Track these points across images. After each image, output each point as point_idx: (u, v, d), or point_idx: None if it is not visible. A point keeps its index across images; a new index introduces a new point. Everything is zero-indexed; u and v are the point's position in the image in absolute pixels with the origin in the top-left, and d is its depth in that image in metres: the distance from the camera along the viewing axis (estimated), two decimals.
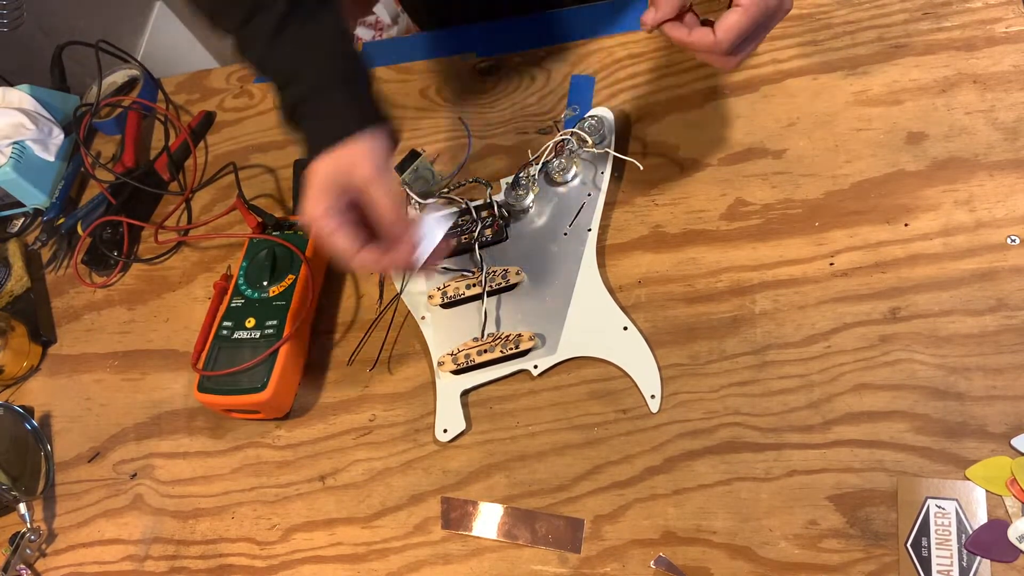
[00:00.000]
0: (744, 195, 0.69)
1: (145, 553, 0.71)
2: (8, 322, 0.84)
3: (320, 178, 0.56)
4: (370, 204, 0.57)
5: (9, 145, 0.92)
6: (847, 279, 0.63)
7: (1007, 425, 0.55)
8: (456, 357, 0.68)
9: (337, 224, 0.56)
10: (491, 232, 0.73)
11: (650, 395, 0.63)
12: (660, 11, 0.56)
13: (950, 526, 0.53)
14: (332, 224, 0.56)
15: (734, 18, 0.54)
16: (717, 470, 0.60)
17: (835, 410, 0.59)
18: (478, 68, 0.87)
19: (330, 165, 0.56)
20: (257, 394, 0.69)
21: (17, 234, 0.96)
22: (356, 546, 0.66)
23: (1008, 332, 0.58)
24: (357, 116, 0.58)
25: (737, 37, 0.54)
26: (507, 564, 0.61)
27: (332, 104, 0.58)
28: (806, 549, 0.56)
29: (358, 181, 0.56)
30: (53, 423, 0.82)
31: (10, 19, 1.26)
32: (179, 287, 0.85)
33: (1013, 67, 0.68)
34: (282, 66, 0.59)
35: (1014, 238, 0.61)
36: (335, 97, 0.58)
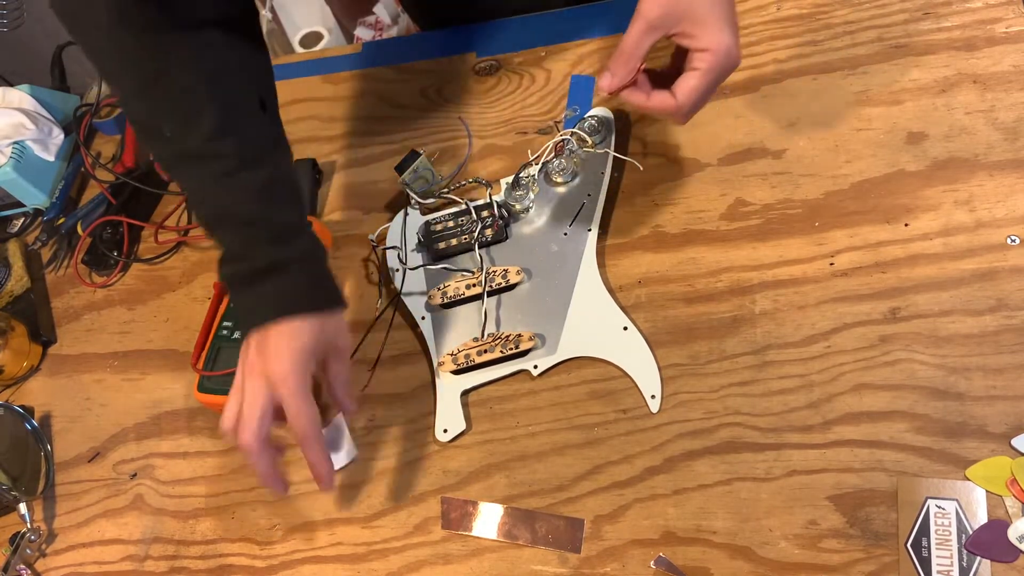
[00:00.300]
0: (744, 195, 0.69)
1: (145, 553, 0.71)
2: (8, 322, 0.84)
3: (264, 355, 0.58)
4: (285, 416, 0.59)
5: (9, 145, 0.92)
6: (847, 279, 0.63)
7: (1007, 425, 0.55)
8: (456, 357, 0.68)
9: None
10: (491, 232, 0.73)
11: (650, 395, 0.63)
12: (616, 77, 0.58)
13: (950, 526, 0.53)
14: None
15: (693, 82, 0.56)
16: (717, 470, 0.60)
17: (835, 410, 0.59)
18: (478, 68, 0.87)
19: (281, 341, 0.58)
20: None
21: (17, 234, 0.96)
22: (356, 546, 0.66)
23: (1008, 332, 0.58)
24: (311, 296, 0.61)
25: (697, 100, 0.57)
26: (507, 564, 0.61)
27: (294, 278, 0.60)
28: (806, 549, 0.56)
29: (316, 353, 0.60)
30: (53, 423, 0.82)
31: (10, 19, 1.26)
32: (179, 287, 0.85)
33: (1013, 67, 0.68)
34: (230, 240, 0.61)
35: (1014, 238, 0.61)
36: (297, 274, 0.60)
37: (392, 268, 0.76)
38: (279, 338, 0.58)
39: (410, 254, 0.76)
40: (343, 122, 0.89)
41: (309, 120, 0.91)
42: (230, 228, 0.60)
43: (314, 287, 0.61)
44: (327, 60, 0.96)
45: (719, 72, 0.56)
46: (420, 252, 0.75)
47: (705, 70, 0.56)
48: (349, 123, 0.89)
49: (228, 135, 0.60)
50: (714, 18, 0.55)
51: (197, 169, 0.60)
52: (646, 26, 0.56)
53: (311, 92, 0.93)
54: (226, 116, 0.60)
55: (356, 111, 0.89)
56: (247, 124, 0.62)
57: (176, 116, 0.60)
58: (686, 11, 0.55)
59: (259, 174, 0.60)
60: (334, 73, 0.94)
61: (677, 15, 0.55)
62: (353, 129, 0.88)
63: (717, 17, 0.55)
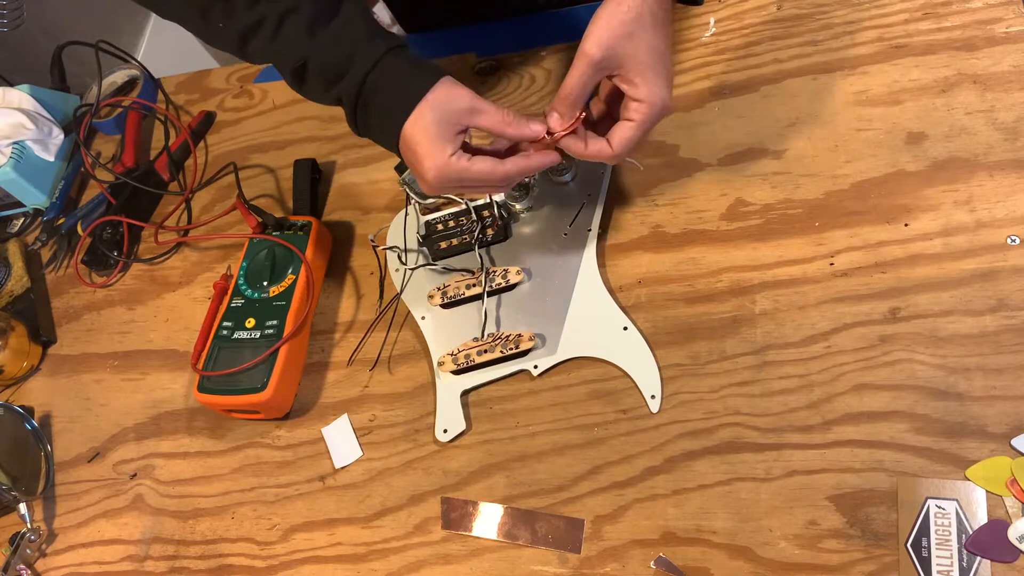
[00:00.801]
0: (744, 195, 0.69)
1: (145, 553, 0.71)
2: (8, 322, 0.84)
3: (429, 130, 0.57)
4: (486, 126, 0.59)
5: (9, 145, 0.92)
6: (847, 279, 0.63)
7: (1007, 425, 0.55)
8: (456, 357, 0.68)
9: (468, 158, 0.58)
10: (491, 232, 0.73)
11: (650, 395, 0.63)
12: (565, 118, 0.59)
13: (950, 526, 0.53)
14: (464, 160, 0.58)
15: (629, 133, 0.58)
16: (717, 470, 0.60)
17: (835, 410, 0.59)
18: (478, 68, 0.87)
19: (429, 115, 0.57)
20: (257, 394, 0.69)
21: (17, 234, 0.96)
22: (356, 546, 0.66)
23: (1008, 332, 0.58)
24: (427, 68, 0.59)
25: (632, 148, 0.59)
26: (507, 564, 0.61)
27: (401, 67, 0.59)
28: (806, 549, 0.56)
29: (463, 113, 0.58)
30: (53, 423, 0.82)
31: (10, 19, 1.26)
32: (179, 287, 0.85)
33: (1013, 67, 0.68)
34: (332, 58, 0.60)
35: (1014, 238, 0.61)
36: (401, 61, 0.59)
37: (392, 268, 0.76)
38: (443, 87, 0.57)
39: (410, 254, 0.76)
40: (343, 122, 0.88)
41: (309, 120, 0.91)
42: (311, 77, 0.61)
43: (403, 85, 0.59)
44: None
45: (652, 123, 0.58)
46: (420, 252, 0.75)
47: (640, 122, 0.58)
48: None
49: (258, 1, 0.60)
50: (653, 70, 0.57)
51: (252, 45, 0.62)
52: (589, 67, 0.57)
53: None
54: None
55: None
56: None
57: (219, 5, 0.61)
58: (628, 55, 0.57)
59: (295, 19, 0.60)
60: None
61: (619, 58, 0.57)
62: None
63: (656, 69, 0.57)
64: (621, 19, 0.56)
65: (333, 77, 0.60)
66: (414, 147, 0.57)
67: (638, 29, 0.56)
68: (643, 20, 0.56)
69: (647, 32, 0.57)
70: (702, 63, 0.77)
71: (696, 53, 0.78)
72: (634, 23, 0.56)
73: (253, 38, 0.61)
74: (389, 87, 0.59)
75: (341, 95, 0.60)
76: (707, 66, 0.77)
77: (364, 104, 0.60)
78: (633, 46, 0.56)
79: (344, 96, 0.60)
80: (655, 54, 0.57)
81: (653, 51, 0.57)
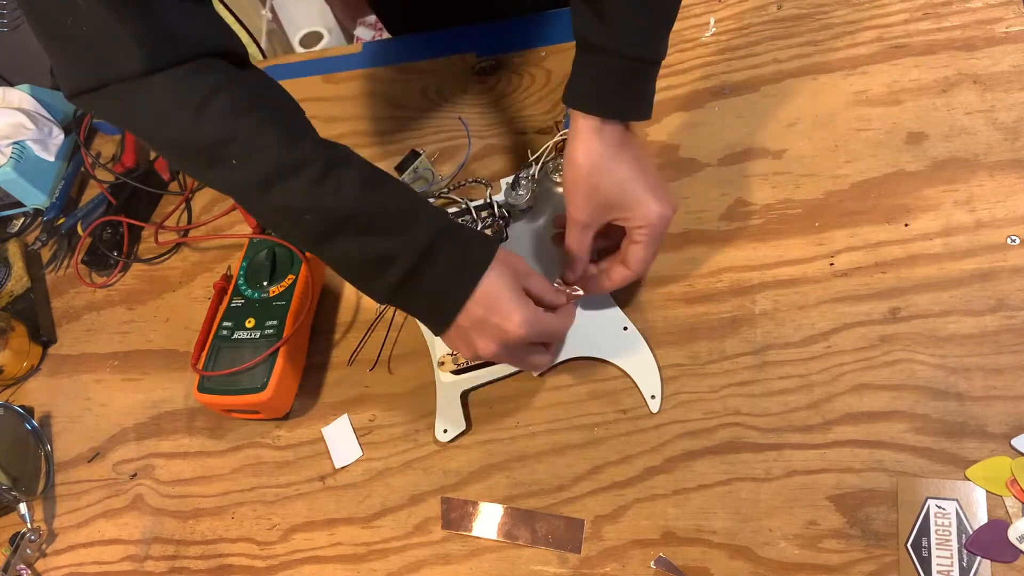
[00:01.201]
0: (744, 195, 0.69)
1: (145, 553, 0.71)
2: (8, 322, 0.84)
3: (512, 286, 0.57)
4: (535, 291, 0.60)
5: (9, 145, 0.92)
6: (847, 279, 0.63)
7: (1007, 425, 0.55)
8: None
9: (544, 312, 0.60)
10: (491, 232, 0.73)
11: (650, 395, 0.63)
12: (576, 272, 0.65)
13: (950, 526, 0.53)
14: (545, 314, 0.60)
15: (641, 253, 0.62)
16: (717, 470, 0.60)
17: (835, 410, 0.59)
18: (478, 68, 0.87)
19: (507, 272, 0.58)
20: (257, 394, 0.69)
21: (17, 234, 0.96)
22: (356, 546, 0.66)
23: (1008, 332, 0.58)
24: (483, 233, 0.61)
25: (648, 266, 0.63)
26: (507, 564, 0.61)
27: (463, 230, 0.59)
28: (806, 549, 0.56)
29: (522, 275, 0.60)
30: (53, 423, 0.82)
31: (10, 19, 1.26)
32: (179, 287, 0.85)
33: (1013, 67, 0.68)
34: (390, 215, 0.56)
35: (1014, 238, 0.61)
36: (460, 225, 0.59)
37: None
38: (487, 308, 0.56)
39: None
40: (343, 122, 0.89)
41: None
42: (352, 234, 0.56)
43: (470, 247, 0.58)
44: (327, 60, 0.96)
45: (660, 236, 0.61)
46: None
47: (647, 241, 0.61)
48: (349, 123, 0.89)
49: (303, 139, 0.56)
50: (638, 197, 0.60)
51: (283, 186, 0.55)
52: (582, 228, 0.62)
53: (311, 92, 0.93)
54: (288, 122, 0.57)
55: (356, 111, 0.89)
56: (308, 126, 0.60)
57: (241, 137, 0.55)
58: (610, 201, 0.60)
59: (349, 170, 0.56)
60: (334, 73, 0.94)
61: (604, 208, 0.60)
62: (353, 129, 0.88)
63: (641, 193, 0.60)
64: (586, 175, 0.59)
65: (387, 234, 0.55)
66: (496, 302, 0.57)
67: (606, 169, 0.59)
68: (606, 157, 0.59)
69: (619, 165, 0.59)
70: (702, 63, 0.77)
71: (696, 53, 0.78)
72: (600, 171, 0.59)
73: (285, 180, 0.54)
74: (459, 245, 0.57)
75: (396, 252, 0.55)
76: (707, 66, 0.77)
77: (425, 262, 0.56)
78: (611, 190, 0.60)
79: (401, 253, 0.55)
80: (633, 180, 0.60)
81: (630, 179, 0.60)
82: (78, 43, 0.53)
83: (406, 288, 0.57)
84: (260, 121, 0.55)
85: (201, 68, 0.55)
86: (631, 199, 0.60)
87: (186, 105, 0.54)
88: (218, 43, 0.57)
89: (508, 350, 0.58)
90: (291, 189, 0.55)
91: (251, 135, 0.54)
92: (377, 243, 0.56)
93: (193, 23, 0.56)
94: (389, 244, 0.56)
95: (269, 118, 0.55)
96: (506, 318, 0.56)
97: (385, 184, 0.58)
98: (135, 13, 0.52)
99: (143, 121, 0.56)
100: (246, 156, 0.55)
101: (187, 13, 0.56)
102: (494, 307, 0.56)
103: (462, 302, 0.56)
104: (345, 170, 0.56)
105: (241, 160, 0.55)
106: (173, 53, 0.54)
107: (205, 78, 0.54)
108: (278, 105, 0.59)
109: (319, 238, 0.57)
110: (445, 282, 0.57)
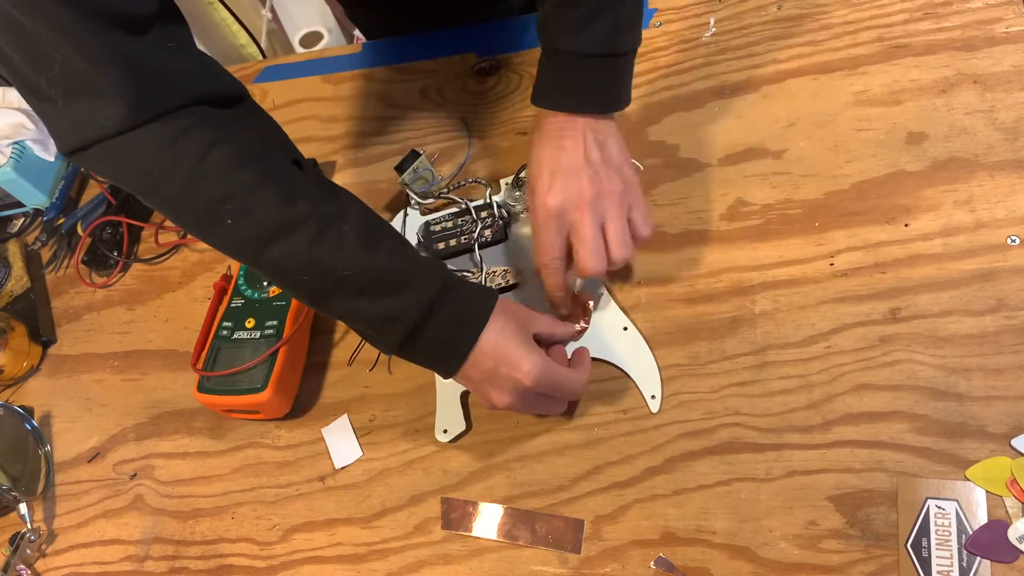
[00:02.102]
0: (744, 195, 0.69)
1: (145, 553, 0.71)
2: (8, 322, 0.84)
3: (518, 335, 0.58)
4: (543, 332, 0.62)
5: (9, 145, 0.92)
6: (847, 279, 0.63)
7: (1007, 425, 0.55)
8: None
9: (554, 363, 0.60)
10: (491, 232, 0.73)
11: (650, 395, 0.63)
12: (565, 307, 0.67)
13: (950, 526, 0.53)
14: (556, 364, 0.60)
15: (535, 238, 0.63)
16: (717, 470, 0.60)
17: (835, 410, 0.59)
18: (478, 68, 0.87)
19: (512, 322, 0.58)
20: (257, 394, 0.69)
21: (17, 234, 0.96)
22: (356, 546, 0.66)
23: (1008, 332, 0.58)
24: (480, 290, 0.60)
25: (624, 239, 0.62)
26: (507, 564, 0.61)
27: (464, 284, 0.59)
28: (806, 549, 0.56)
29: (528, 322, 0.60)
30: (53, 423, 0.82)
31: None
32: (179, 287, 0.85)
33: (1013, 67, 0.68)
34: (391, 272, 0.56)
35: (1014, 238, 0.61)
36: (460, 280, 0.59)
37: None
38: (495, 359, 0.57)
39: None
40: (343, 122, 0.89)
41: (309, 120, 0.91)
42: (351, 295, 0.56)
43: (469, 301, 0.58)
44: (327, 60, 0.96)
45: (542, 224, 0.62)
46: (420, 252, 0.75)
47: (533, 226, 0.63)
48: (349, 123, 0.89)
49: (299, 194, 0.55)
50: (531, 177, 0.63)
51: (279, 245, 0.54)
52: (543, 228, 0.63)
53: (311, 92, 0.93)
54: (283, 177, 0.56)
55: (356, 111, 0.89)
56: (302, 176, 0.59)
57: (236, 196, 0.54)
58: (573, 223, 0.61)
59: (345, 228, 0.56)
60: (334, 73, 0.94)
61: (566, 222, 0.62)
62: (353, 129, 0.88)
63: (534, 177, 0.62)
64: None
65: (389, 291, 0.56)
66: (504, 352, 0.57)
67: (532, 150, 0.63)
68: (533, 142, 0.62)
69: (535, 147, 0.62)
70: (702, 63, 0.77)
71: (696, 53, 0.78)
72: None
73: (281, 240, 0.54)
74: (458, 301, 0.57)
75: (395, 314, 0.56)
76: (707, 66, 0.77)
77: (426, 320, 0.56)
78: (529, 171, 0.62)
79: (401, 315, 0.56)
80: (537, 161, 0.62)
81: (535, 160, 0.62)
82: (59, 103, 0.52)
83: (409, 345, 0.57)
84: (255, 178, 0.54)
85: (190, 124, 0.54)
86: (530, 178, 0.62)
87: (178, 165, 0.53)
88: (204, 88, 0.56)
89: (523, 400, 0.59)
90: (287, 249, 0.55)
91: (246, 193, 0.54)
92: (377, 305, 0.56)
93: (175, 69, 0.54)
94: (388, 306, 0.56)
95: (263, 174, 0.55)
96: (515, 367, 0.57)
97: (383, 240, 0.58)
98: (113, 61, 0.50)
99: (136, 177, 0.55)
100: (241, 216, 0.54)
101: (169, 56, 0.54)
102: (502, 358, 0.57)
103: (465, 356, 0.57)
104: (341, 227, 0.55)
105: (236, 219, 0.54)
106: (157, 104, 0.52)
107: (195, 134, 0.53)
108: (271, 156, 0.58)
109: (318, 296, 0.57)
110: (447, 338, 0.57)
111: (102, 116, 0.51)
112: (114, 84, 0.51)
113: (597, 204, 0.61)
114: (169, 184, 0.54)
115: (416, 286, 0.56)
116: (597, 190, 0.60)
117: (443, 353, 0.58)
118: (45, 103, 0.52)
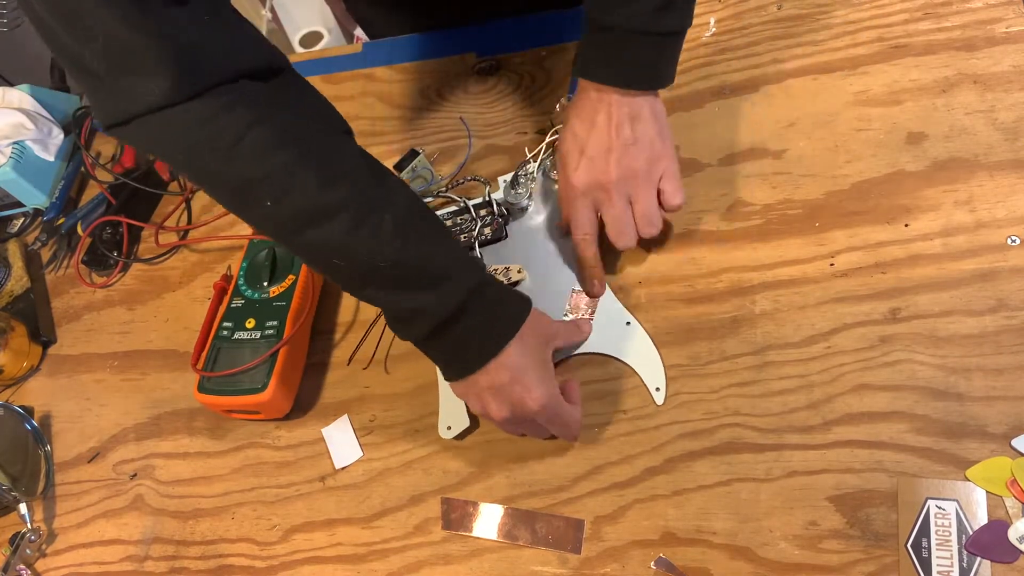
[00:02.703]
0: (744, 195, 0.69)
1: (145, 553, 0.71)
2: (8, 322, 0.84)
3: (539, 356, 0.58)
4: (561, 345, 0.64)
5: (9, 145, 0.92)
6: (847, 279, 0.63)
7: (1007, 425, 0.55)
8: None
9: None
10: (490, 231, 0.73)
11: (655, 388, 0.63)
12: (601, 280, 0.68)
13: (950, 527, 0.53)
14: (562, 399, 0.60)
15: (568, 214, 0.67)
16: (717, 471, 0.60)
17: (835, 410, 0.59)
18: (478, 68, 0.87)
19: (533, 341, 0.58)
20: (257, 395, 0.69)
21: (17, 234, 0.96)
22: (356, 546, 0.66)
23: (1008, 332, 0.58)
24: (514, 297, 0.60)
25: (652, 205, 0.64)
26: (507, 565, 0.61)
27: (499, 285, 0.59)
28: (806, 550, 0.56)
29: (550, 338, 0.61)
30: (53, 423, 0.82)
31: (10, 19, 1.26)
32: (179, 287, 0.85)
33: (1013, 67, 0.68)
34: (429, 264, 0.56)
35: (1014, 238, 0.61)
36: (496, 279, 0.60)
37: None
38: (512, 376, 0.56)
39: None
40: None
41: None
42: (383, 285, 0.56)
43: (501, 309, 0.58)
44: (327, 60, 0.96)
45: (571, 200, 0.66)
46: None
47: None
48: (349, 123, 0.89)
49: (339, 179, 0.54)
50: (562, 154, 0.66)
51: (316, 230, 0.54)
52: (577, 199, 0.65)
53: None
54: (324, 158, 0.55)
55: (356, 111, 0.89)
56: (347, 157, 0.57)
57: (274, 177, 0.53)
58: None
59: (386, 217, 0.54)
60: (334, 73, 0.94)
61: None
62: (353, 129, 0.88)
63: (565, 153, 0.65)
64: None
65: (424, 285, 0.55)
66: (521, 372, 0.57)
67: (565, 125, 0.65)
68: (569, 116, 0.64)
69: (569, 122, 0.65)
70: (702, 63, 0.77)
71: (696, 53, 0.78)
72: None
73: (317, 225, 0.53)
74: (490, 308, 0.57)
75: (425, 307, 0.55)
76: (707, 66, 0.77)
77: (454, 322, 0.56)
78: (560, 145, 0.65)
79: (430, 310, 0.55)
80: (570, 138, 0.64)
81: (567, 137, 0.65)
82: (102, 77, 0.51)
83: (430, 340, 0.57)
84: (294, 159, 0.53)
85: (230, 102, 0.53)
86: (561, 152, 0.64)
87: (217, 143, 0.52)
88: (245, 62, 0.55)
89: (519, 421, 0.59)
90: (323, 235, 0.54)
91: (284, 175, 0.53)
92: (408, 298, 0.56)
93: (217, 42, 0.53)
94: (420, 299, 0.55)
95: (303, 155, 0.54)
96: (527, 389, 0.57)
97: (424, 232, 0.57)
98: (157, 34, 0.50)
99: (174, 153, 0.55)
100: (279, 197, 0.53)
101: (209, 28, 0.53)
102: (518, 378, 0.57)
103: (484, 363, 0.56)
104: (383, 216, 0.54)
105: (274, 201, 0.53)
106: (199, 81, 0.52)
107: (235, 112, 0.53)
108: (312, 135, 0.56)
109: (351, 282, 0.57)
110: (471, 342, 0.57)
111: (145, 91, 0.51)
112: (156, 59, 0.50)
113: (623, 184, 0.63)
114: (206, 162, 0.54)
115: (450, 284, 0.55)
116: (623, 170, 0.62)
117: (462, 356, 0.57)
118: (88, 76, 0.52)
